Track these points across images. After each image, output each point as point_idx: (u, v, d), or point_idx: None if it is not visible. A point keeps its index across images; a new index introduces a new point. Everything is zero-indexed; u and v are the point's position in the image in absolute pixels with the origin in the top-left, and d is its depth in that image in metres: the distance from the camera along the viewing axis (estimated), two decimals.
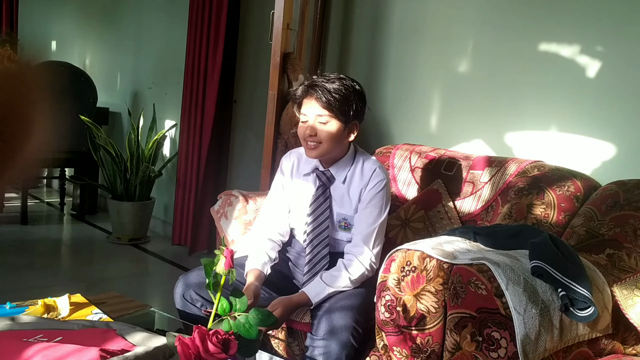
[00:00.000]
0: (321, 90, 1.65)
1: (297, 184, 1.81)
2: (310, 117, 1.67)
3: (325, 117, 1.66)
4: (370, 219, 1.69)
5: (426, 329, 1.32)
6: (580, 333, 1.30)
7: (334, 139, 1.67)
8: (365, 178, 1.72)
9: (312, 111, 1.67)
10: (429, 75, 2.53)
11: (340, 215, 1.75)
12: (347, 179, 1.74)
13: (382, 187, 1.70)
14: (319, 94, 1.65)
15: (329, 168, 1.76)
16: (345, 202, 1.74)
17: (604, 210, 1.62)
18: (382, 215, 1.70)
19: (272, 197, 1.85)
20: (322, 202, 1.74)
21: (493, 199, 1.93)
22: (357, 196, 1.73)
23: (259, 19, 3.36)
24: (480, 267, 1.25)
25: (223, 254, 1.01)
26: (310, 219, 1.74)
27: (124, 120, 4.59)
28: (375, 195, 1.70)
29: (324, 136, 1.67)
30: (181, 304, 1.67)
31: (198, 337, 0.96)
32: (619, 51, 1.95)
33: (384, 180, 1.72)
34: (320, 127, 1.66)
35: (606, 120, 1.99)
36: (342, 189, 1.74)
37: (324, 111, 1.65)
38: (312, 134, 1.67)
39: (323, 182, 1.75)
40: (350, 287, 1.62)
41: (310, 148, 1.69)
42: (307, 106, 1.68)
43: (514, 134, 2.23)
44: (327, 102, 1.64)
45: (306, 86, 1.70)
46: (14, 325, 1.23)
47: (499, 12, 2.28)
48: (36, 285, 2.82)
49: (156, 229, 4.15)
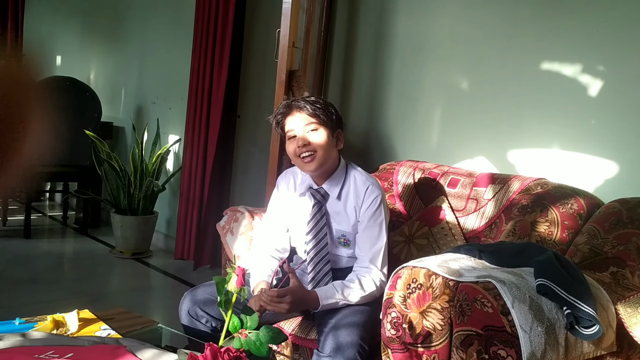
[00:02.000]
0: (303, 102, 1.71)
1: (295, 203, 1.82)
2: (299, 130, 1.70)
3: (314, 125, 1.69)
4: (372, 239, 1.70)
5: (432, 346, 1.33)
6: (585, 351, 1.31)
7: (326, 146, 1.70)
8: (360, 195, 1.74)
9: (300, 123, 1.70)
10: (432, 93, 2.56)
11: (339, 232, 1.76)
12: (343, 196, 1.76)
13: (378, 203, 1.72)
14: (302, 105, 1.70)
15: (322, 185, 1.77)
16: (342, 218, 1.76)
17: (607, 228, 1.64)
18: (384, 233, 1.72)
19: (269, 216, 1.88)
20: (319, 220, 1.75)
21: (497, 216, 1.95)
22: (353, 213, 1.74)
23: (263, 36, 3.41)
24: (486, 285, 1.27)
25: (235, 272, 1.03)
26: (310, 237, 1.76)
27: (128, 134, 4.62)
28: (373, 213, 1.71)
29: (317, 144, 1.69)
30: (187, 320, 1.68)
31: (210, 355, 0.97)
32: (620, 70, 1.98)
33: (378, 196, 1.73)
34: (312, 136, 1.70)
35: (608, 139, 2.01)
36: (338, 206, 1.76)
37: (312, 119, 1.69)
38: (306, 144, 1.69)
39: (318, 200, 1.76)
40: (359, 302, 1.63)
41: (307, 161, 1.70)
42: (293, 121, 1.71)
43: (516, 152, 2.26)
44: (312, 110, 1.69)
45: (286, 104, 1.74)
46: (24, 341, 1.24)
47: (502, 31, 2.31)
48: (40, 300, 2.82)
49: (158, 243, 4.16)
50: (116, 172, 3.83)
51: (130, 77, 4.63)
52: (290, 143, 1.72)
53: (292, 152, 1.72)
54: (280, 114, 1.74)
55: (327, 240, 1.74)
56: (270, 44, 2.90)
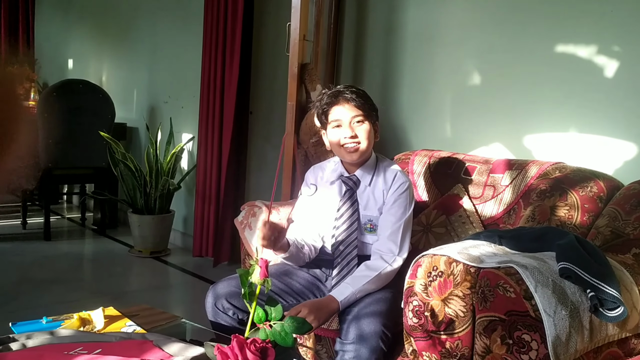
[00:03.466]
0: (350, 93, 1.75)
1: (323, 194, 1.87)
2: (345, 120, 1.74)
3: (360, 117, 1.74)
4: (394, 217, 1.75)
5: (455, 333, 1.33)
6: (610, 333, 1.30)
7: (370, 137, 1.77)
8: (388, 181, 1.80)
9: (347, 114, 1.74)
10: (444, 81, 2.55)
11: (365, 217, 1.80)
12: (372, 182, 1.81)
13: (405, 189, 1.78)
14: (349, 97, 1.74)
15: (354, 173, 1.82)
16: (370, 204, 1.80)
17: (628, 210, 1.63)
18: (407, 213, 1.76)
19: (299, 210, 1.90)
20: (349, 206, 1.80)
21: (515, 202, 1.94)
22: (381, 197, 1.80)
23: (272, 30, 3.41)
24: (507, 270, 1.27)
25: (258, 264, 1.04)
26: (339, 223, 1.79)
27: (142, 134, 4.66)
28: (399, 196, 1.77)
29: (363, 135, 1.75)
30: (213, 313, 1.70)
31: (237, 346, 0.98)
32: (636, 50, 1.95)
33: (406, 182, 1.79)
34: (358, 127, 1.75)
35: (626, 120, 1.99)
36: (368, 192, 1.81)
37: (359, 111, 1.74)
38: (353, 135, 1.74)
39: (350, 187, 1.81)
40: (378, 285, 1.64)
41: (351, 151, 1.75)
42: (339, 111, 1.75)
43: (532, 136, 2.24)
44: (360, 103, 1.74)
45: (332, 94, 1.77)
46: (53, 339, 1.26)
47: (513, 14, 2.29)
48: (63, 300, 2.87)
49: (176, 241, 4.19)
50: (132, 172, 3.87)
51: (142, 77, 4.66)
52: (334, 132, 1.77)
53: (337, 141, 1.77)
54: (327, 103, 1.77)
55: (356, 226, 1.79)
56: (280, 38, 2.90)
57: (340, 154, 1.81)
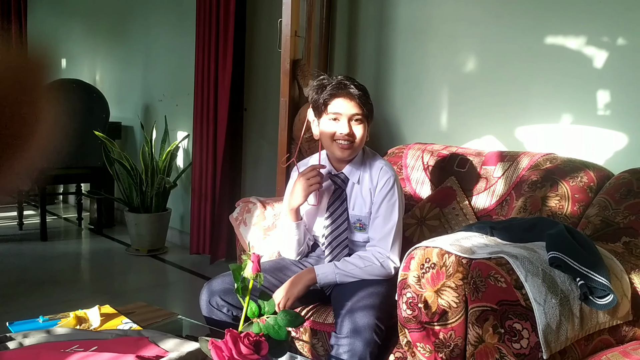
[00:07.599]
0: (354, 89, 1.68)
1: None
2: (345, 116, 1.69)
3: (359, 116, 1.70)
4: (384, 220, 1.72)
5: (448, 324, 1.34)
6: (601, 321, 1.32)
7: (364, 138, 1.74)
8: (374, 178, 1.76)
9: (348, 110, 1.69)
10: (437, 74, 2.56)
11: (354, 217, 1.79)
12: (360, 180, 1.78)
13: (391, 185, 1.73)
14: (353, 93, 1.68)
15: (342, 170, 1.80)
16: (358, 202, 1.78)
17: (618, 199, 1.64)
18: (396, 213, 1.73)
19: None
20: (339, 205, 1.78)
21: (507, 194, 1.96)
22: (368, 196, 1.77)
23: (265, 27, 3.41)
24: (498, 260, 1.28)
25: (250, 259, 1.05)
26: (329, 222, 1.78)
27: (137, 133, 4.66)
28: (386, 194, 1.73)
29: (359, 136, 1.72)
30: (207, 310, 1.71)
31: (231, 340, 0.99)
32: (625, 39, 1.97)
33: (391, 177, 1.74)
34: (356, 126, 1.71)
35: (616, 110, 2.01)
36: (356, 190, 1.78)
37: (359, 110, 1.69)
38: (350, 134, 1.70)
39: (339, 185, 1.79)
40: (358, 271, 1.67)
41: (344, 148, 1.72)
42: (341, 105, 1.69)
43: (524, 128, 2.26)
44: (362, 101, 1.68)
45: (337, 85, 1.70)
46: (49, 337, 1.27)
47: (504, 8, 2.30)
48: (61, 300, 2.87)
49: (173, 239, 4.20)
50: (127, 171, 3.87)
51: (136, 76, 4.65)
52: (330, 124, 1.71)
53: (331, 133, 1.71)
54: (330, 94, 1.69)
55: (346, 225, 1.77)
56: (273, 35, 2.90)
57: (330, 148, 1.76)
